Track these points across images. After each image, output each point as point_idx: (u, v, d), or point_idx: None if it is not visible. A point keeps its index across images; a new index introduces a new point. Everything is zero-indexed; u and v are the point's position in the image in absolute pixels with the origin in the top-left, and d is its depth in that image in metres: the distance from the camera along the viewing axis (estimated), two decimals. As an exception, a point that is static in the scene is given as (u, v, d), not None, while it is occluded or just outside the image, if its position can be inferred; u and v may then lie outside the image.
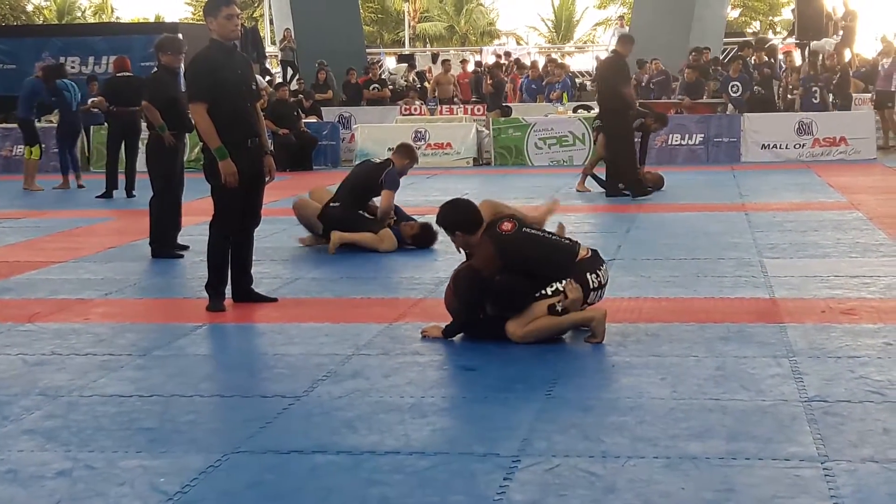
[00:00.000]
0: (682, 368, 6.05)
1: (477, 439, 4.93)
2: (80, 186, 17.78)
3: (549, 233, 7.06)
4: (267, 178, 8.05)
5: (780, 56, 27.42)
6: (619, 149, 14.50)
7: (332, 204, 10.74)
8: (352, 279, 9.22)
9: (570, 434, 4.96)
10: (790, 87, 23.61)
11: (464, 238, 6.91)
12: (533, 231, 6.92)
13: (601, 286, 6.88)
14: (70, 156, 18.15)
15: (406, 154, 10.98)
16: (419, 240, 10.53)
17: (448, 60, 30.67)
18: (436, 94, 27.12)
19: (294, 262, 10.13)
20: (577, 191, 15.34)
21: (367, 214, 10.67)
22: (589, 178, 15.40)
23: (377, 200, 10.73)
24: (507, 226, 6.83)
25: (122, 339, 7.07)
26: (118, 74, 16.65)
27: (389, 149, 11.51)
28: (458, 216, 6.94)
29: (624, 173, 14.52)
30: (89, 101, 18.04)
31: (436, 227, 7.48)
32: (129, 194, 16.11)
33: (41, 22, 57.48)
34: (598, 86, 14.85)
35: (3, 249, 11.30)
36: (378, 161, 11.31)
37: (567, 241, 7.01)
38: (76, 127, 18.35)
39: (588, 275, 6.76)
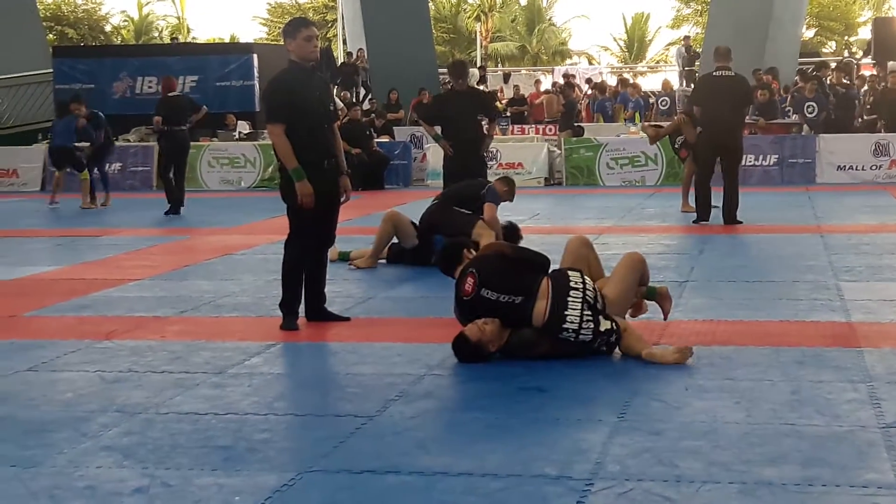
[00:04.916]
0: (757, 392, 5.99)
1: (549, 461, 4.92)
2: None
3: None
4: (342, 199, 8.12)
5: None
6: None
7: (432, 203, 11.20)
8: (425, 298, 9.25)
9: (643, 458, 4.93)
10: (867, 107, 23.38)
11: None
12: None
13: (578, 334, 6.64)
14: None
15: (507, 184, 11.53)
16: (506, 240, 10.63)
17: (556, 82, 30.72)
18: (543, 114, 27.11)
19: (367, 281, 10.18)
20: (683, 212, 14.98)
21: (462, 210, 10.94)
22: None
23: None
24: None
25: (197, 357, 7.14)
26: (169, 94, 17.08)
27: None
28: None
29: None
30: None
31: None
32: (178, 210, 16.47)
33: (119, 42, 58.33)
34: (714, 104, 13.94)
35: (80, 267, 11.47)
36: (479, 180, 11.67)
37: (519, 302, 6.76)
38: None
39: (559, 336, 6.68)
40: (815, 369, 6.48)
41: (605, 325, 6.69)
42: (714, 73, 14.34)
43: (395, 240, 11.08)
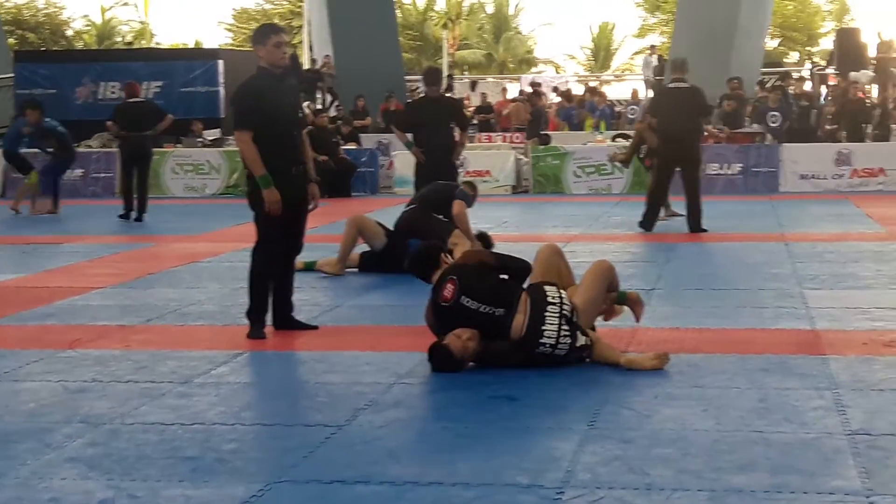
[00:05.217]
0: (725, 400, 6.02)
1: (520, 470, 4.91)
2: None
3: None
4: (310, 206, 8.09)
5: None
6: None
7: (408, 207, 11.38)
8: (392, 307, 9.23)
9: (613, 466, 4.93)
10: (828, 116, 23.56)
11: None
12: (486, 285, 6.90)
13: (555, 348, 6.67)
14: None
15: (472, 189, 11.93)
16: None
17: (523, 90, 30.75)
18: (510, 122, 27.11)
19: (334, 289, 10.14)
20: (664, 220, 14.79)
21: (440, 217, 11.16)
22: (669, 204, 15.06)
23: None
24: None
25: (162, 367, 7.09)
26: (129, 100, 16.99)
27: None
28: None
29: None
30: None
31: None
32: (140, 217, 16.33)
33: (81, 47, 57.95)
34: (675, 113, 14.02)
35: (43, 275, 11.37)
36: (448, 182, 11.85)
37: (500, 314, 6.75)
38: None
39: (536, 350, 6.70)
40: (781, 377, 6.51)
41: (581, 340, 6.70)
42: (669, 86, 14.49)
43: (366, 247, 11.05)
